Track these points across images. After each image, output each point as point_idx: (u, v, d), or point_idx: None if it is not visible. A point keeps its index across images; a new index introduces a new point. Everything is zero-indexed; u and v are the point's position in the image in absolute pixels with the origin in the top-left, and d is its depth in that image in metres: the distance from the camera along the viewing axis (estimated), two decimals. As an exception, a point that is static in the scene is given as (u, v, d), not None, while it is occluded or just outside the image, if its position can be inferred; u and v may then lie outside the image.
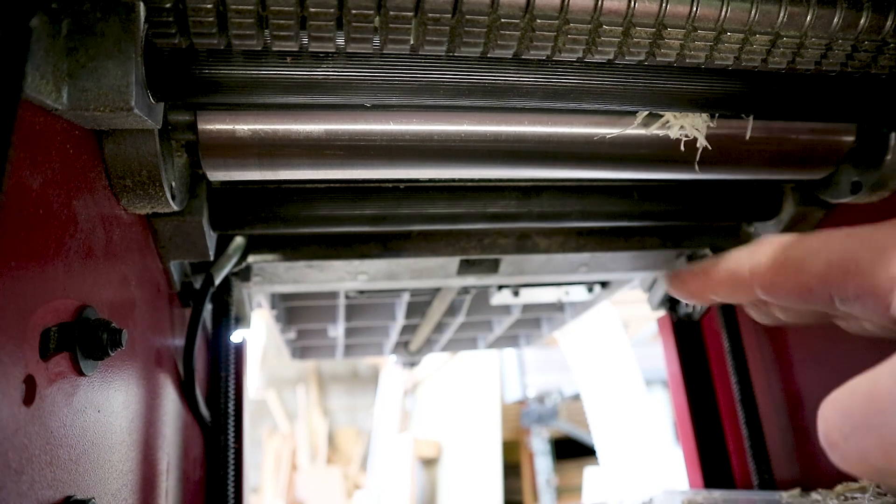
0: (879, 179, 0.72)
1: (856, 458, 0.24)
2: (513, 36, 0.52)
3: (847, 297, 0.30)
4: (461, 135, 0.64)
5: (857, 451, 0.24)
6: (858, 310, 0.30)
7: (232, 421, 0.85)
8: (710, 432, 1.12)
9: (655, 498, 0.89)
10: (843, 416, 0.25)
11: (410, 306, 1.39)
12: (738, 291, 0.38)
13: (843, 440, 0.25)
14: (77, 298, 0.47)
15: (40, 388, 0.40)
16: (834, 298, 0.31)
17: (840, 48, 0.57)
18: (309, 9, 0.47)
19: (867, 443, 0.24)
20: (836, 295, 0.30)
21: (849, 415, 0.25)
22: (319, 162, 0.63)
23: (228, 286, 0.87)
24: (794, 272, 0.33)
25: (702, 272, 0.41)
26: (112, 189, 0.56)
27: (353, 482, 6.33)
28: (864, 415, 0.24)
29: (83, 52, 0.44)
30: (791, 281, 0.33)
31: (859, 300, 0.29)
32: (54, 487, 0.41)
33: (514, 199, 0.81)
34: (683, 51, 0.55)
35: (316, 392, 7.06)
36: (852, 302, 0.30)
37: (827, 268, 0.31)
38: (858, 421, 0.24)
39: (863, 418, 0.24)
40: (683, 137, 0.66)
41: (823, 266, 0.31)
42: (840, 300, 0.30)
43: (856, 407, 0.24)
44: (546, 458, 5.06)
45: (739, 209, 0.88)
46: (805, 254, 0.33)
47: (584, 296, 1.29)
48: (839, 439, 0.25)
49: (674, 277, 0.44)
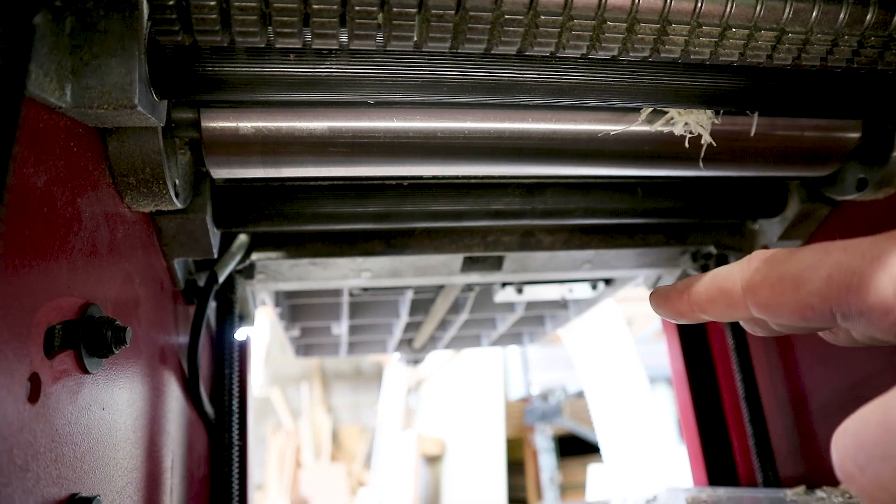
0: (885, 176, 0.71)
1: (875, 489, 0.23)
2: (516, 32, 0.51)
3: (850, 314, 0.29)
4: (465, 132, 0.63)
5: (876, 482, 0.23)
6: (862, 326, 0.29)
7: (236, 418, 0.85)
8: (715, 430, 1.12)
9: (659, 496, 0.89)
10: (857, 447, 0.24)
11: (414, 303, 1.39)
12: (731, 310, 0.36)
13: (860, 472, 0.24)
14: (81, 296, 0.47)
15: (45, 385, 0.40)
16: (836, 315, 0.30)
17: (846, 44, 0.57)
18: (312, 5, 0.47)
19: (886, 473, 0.23)
20: (839, 311, 0.29)
21: (862, 445, 0.24)
22: (323, 159, 0.63)
23: (232, 284, 0.87)
24: (791, 289, 0.31)
25: (687, 290, 0.38)
26: (116, 187, 0.56)
27: (356, 479, 6.34)
28: (878, 444, 0.23)
29: (86, 50, 0.44)
30: (789, 299, 0.31)
31: (864, 316, 0.28)
32: (59, 485, 0.41)
33: (517, 196, 0.81)
34: (688, 47, 0.55)
35: (320, 389, 7.07)
36: (856, 318, 0.29)
37: (827, 284, 0.29)
38: (873, 451, 0.23)
39: (878, 448, 0.23)
40: (688, 134, 0.66)
41: (823, 282, 0.30)
42: (842, 316, 0.29)
43: (869, 436, 0.23)
44: (550, 456, 5.06)
45: (744, 206, 0.87)
46: (802, 269, 0.31)
47: (587, 293, 1.29)
48: (855, 470, 0.24)
49: (657, 296, 0.41)
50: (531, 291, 1.28)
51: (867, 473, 0.23)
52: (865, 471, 0.23)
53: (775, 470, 0.93)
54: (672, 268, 1.06)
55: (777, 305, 0.32)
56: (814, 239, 0.89)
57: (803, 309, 0.31)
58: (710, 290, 0.36)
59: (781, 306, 0.32)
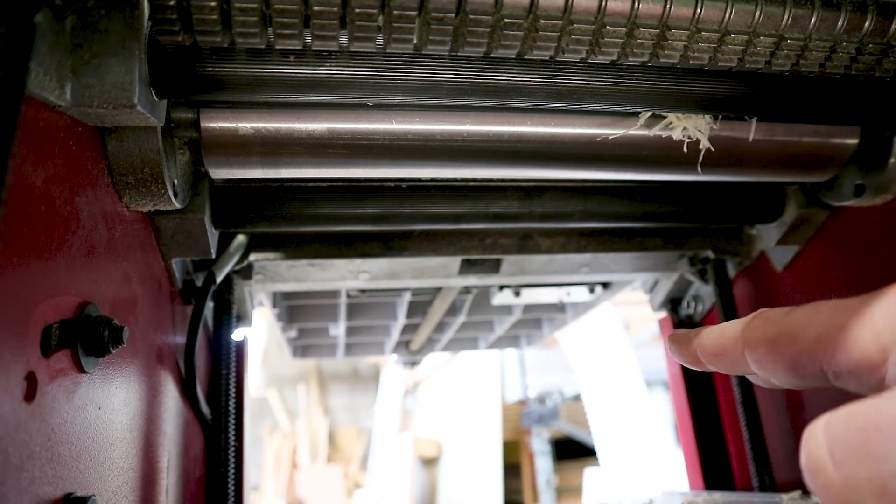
0: (883, 182, 0.71)
1: (841, 486, 0.23)
2: (516, 36, 0.52)
3: (840, 373, 0.28)
4: (464, 134, 0.64)
5: (847, 480, 0.23)
6: (853, 384, 0.28)
7: (233, 419, 0.85)
8: (711, 434, 1.12)
9: (655, 499, 0.89)
10: (839, 442, 0.24)
11: (412, 305, 1.39)
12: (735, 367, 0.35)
13: (834, 467, 0.23)
14: (79, 295, 0.47)
15: (41, 384, 0.40)
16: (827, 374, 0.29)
17: (844, 51, 0.57)
18: (313, 7, 0.47)
19: (862, 472, 0.22)
20: (829, 370, 0.29)
21: (845, 441, 0.23)
22: (322, 161, 0.63)
23: (230, 284, 0.87)
24: (784, 347, 0.31)
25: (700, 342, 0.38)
26: (114, 186, 0.56)
27: (353, 481, 6.33)
28: (864, 444, 0.23)
29: (87, 49, 0.44)
30: (783, 357, 0.31)
31: (853, 375, 0.27)
32: (55, 484, 0.41)
33: (516, 199, 0.81)
34: (687, 52, 0.55)
35: (317, 391, 7.06)
36: (846, 377, 0.28)
37: (816, 342, 0.29)
38: (857, 450, 0.23)
39: (863, 447, 0.23)
40: (686, 139, 0.66)
41: (813, 341, 0.29)
42: (833, 375, 0.29)
43: (853, 434, 0.23)
44: (546, 459, 5.05)
45: (742, 211, 0.88)
46: (795, 328, 0.31)
47: (585, 296, 1.29)
48: (827, 464, 0.24)
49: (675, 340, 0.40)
50: (529, 294, 1.29)
51: (842, 469, 0.23)
52: (841, 467, 0.23)
53: (771, 474, 0.93)
54: (670, 272, 1.06)
55: (772, 363, 0.32)
56: (812, 244, 0.89)
57: (796, 368, 0.30)
58: (716, 347, 0.37)
59: (776, 364, 0.32)
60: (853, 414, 0.24)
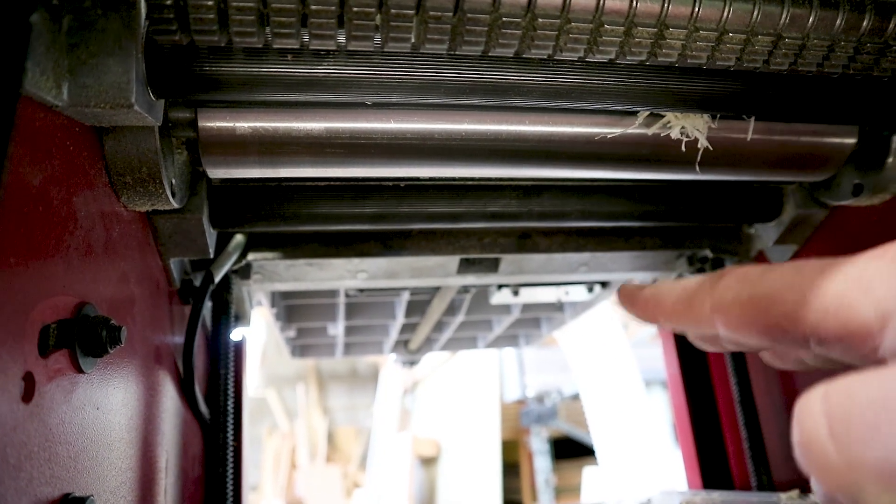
0: (881, 182, 0.71)
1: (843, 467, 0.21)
2: (514, 35, 0.52)
3: (827, 339, 0.26)
4: (462, 134, 0.64)
5: (850, 462, 0.21)
6: (838, 352, 0.26)
7: (231, 419, 0.85)
8: (709, 433, 1.12)
9: (654, 498, 0.89)
10: (841, 419, 0.22)
11: (410, 305, 1.39)
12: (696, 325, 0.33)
13: (835, 446, 0.22)
14: (76, 295, 0.47)
15: (39, 385, 0.40)
16: (809, 339, 0.27)
17: (842, 50, 0.57)
18: (310, 6, 0.47)
19: (869, 455, 0.21)
20: (814, 336, 0.27)
21: (848, 417, 0.22)
22: (320, 160, 0.63)
23: (228, 284, 0.87)
24: (762, 310, 0.29)
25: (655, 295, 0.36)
26: (112, 186, 0.56)
27: (352, 481, 6.33)
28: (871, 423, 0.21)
29: (84, 49, 0.44)
30: (760, 320, 0.29)
31: (842, 342, 0.25)
32: (52, 484, 0.41)
33: (514, 198, 0.81)
34: (685, 51, 0.55)
35: (315, 390, 7.06)
36: (833, 344, 0.26)
37: (801, 306, 0.27)
38: (862, 429, 0.21)
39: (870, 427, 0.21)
40: (684, 138, 0.66)
41: (798, 304, 0.27)
42: (817, 342, 0.27)
43: (859, 411, 0.21)
44: (545, 458, 5.06)
45: (740, 210, 0.88)
46: (776, 289, 0.28)
47: (583, 296, 1.29)
48: (826, 442, 0.22)
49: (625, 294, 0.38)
50: (527, 294, 1.29)
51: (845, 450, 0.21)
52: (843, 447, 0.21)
53: (769, 473, 0.93)
54: (668, 271, 1.06)
55: (746, 326, 0.30)
56: (810, 243, 0.89)
57: (773, 331, 0.29)
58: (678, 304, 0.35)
59: (750, 327, 0.30)
60: (856, 388, 0.22)
